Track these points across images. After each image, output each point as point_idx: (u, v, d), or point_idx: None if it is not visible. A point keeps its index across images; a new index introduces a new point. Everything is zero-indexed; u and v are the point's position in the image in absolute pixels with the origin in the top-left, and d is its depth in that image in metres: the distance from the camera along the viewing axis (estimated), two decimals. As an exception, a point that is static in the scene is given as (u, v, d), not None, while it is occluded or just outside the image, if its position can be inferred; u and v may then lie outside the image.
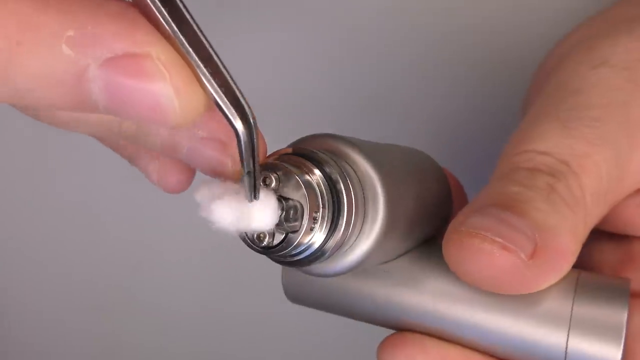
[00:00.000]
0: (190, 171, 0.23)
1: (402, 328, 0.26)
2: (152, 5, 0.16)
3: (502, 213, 0.22)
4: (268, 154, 0.21)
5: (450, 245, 0.22)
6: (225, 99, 0.17)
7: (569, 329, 0.23)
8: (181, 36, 0.16)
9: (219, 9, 0.42)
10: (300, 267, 0.21)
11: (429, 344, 0.25)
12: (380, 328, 0.26)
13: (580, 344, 0.23)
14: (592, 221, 0.24)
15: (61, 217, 0.50)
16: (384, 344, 0.26)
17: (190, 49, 0.16)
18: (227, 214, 0.18)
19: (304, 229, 0.19)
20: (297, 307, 0.27)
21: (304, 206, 0.19)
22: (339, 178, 0.20)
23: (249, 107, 0.17)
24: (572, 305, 0.23)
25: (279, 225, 0.19)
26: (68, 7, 0.15)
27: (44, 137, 0.46)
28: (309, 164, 0.20)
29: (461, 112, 0.42)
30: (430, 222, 0.26)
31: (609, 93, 0.25)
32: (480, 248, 0.21)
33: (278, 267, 0.31)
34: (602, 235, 0.29)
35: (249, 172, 0.18)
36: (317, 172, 0.20)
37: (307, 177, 0.19)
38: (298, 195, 0.19)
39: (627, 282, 0.24)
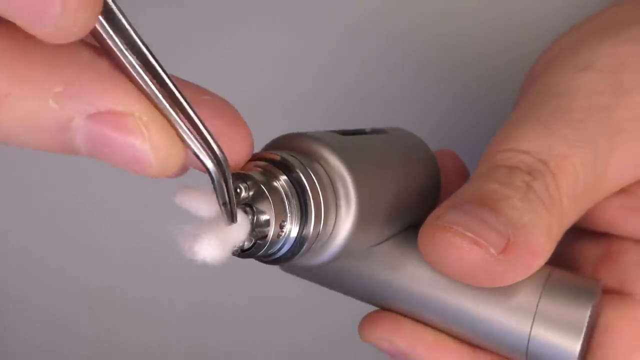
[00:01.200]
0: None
1: (383, 307, 0.27)
2: (129, 66, 0.16)
3: (478, 209, 0.23)
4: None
5: (424, 237, 0.23)
6: (197, 143, 0.17)
7: (533, 321, 0.24)
8: (159, 95, 0.17)
9: (215, 9, 0.42)
10: (282, 263, 0.21)
11: (404, 323, 0.27)
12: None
13: (542, 336, 0.24)
14: (568, 221, 0.25)
15: (59, 217, 0.50)
16: (364, 320, 0.27)
17: (167, 105, 0.17)
18: (211, 250, 0.19)
19: (271, 236, 0.20)
20: (294, 305, 0.27)
21: (270, 216, 0.20)
22: (305, 181, 0.20)
23: (218, 146, 0.18)
24: (539, 299, 0.24)
25: (249, 233, 0.20)
26: (57, 62, 0.16)
27: None
28: (275, 169, 0.20)
29: (456, 112, 0.42)
30: (414, 210, 0.27)
31: (591, 97, 0.26)
32: (452, 242, 0.23)
33: (275, 268, 0.32)
34: (584, 233, 0.29)
35: (224, 203, 0.19)
36: (282, 177, 0.20)
37: (274, 184, 0.20)
38: (265, 205, 0.20)
39: (598, 281, 0.25)
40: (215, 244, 0.19)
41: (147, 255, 0.50)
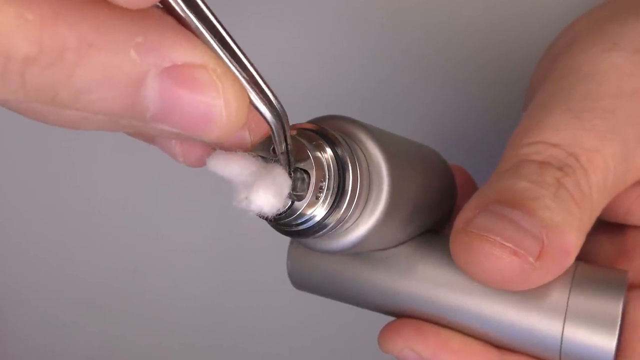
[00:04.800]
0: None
1: (402, 315, 0.26)
2: (190, 22, 0.16)
3: (511, 212, 0.22)
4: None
5: (459, 246, 0.23)
6: (257, 96, 0.18)
7: (565, 320, 0.23)
8: (221, 48, 0.17)
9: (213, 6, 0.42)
10: (304, 237, 0.21)
11: (427, 330, 0.26)
12: (382, 320, 0.27)
13: (575, 334, 0.23)
14: (596, 215, 0.24)
15: (60, 217, 0.50)
16: (384, 330, 0.26)
17: (230, 58, 0.17)
18: (269, 198, 0.19)
19: (309, 197, 0.20)
20: (296, 305, 0.27)
21: (311, 176, 0.20)
22: (348, 158, 0.21)
23: (276, 98, 0.18)
24: (569, 296, 0.24)
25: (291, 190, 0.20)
26: (137, 15, 0.16)
27: (44, 136, 0.46)
28: (322, 141, 0.21)
29: (462, 109, 0.42)
30: (432, 214, 0.27)
31: (619, 80, 0.25)
32: (490, 253, 0.22)
33: (276, 269, 0.31)
34: (598, 226, 0.29)
35: (282, 153, 0.19)
36: (328, 150, 0.21)
37: (318, 153, 0.20)
38: (309, 168, 0.20)
39: (625, 273, 0.25)
40: (272, 192, 0.19)
41: (147, 256, 0.51)
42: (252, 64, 0.17)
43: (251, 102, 0.18)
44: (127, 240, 0.50)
